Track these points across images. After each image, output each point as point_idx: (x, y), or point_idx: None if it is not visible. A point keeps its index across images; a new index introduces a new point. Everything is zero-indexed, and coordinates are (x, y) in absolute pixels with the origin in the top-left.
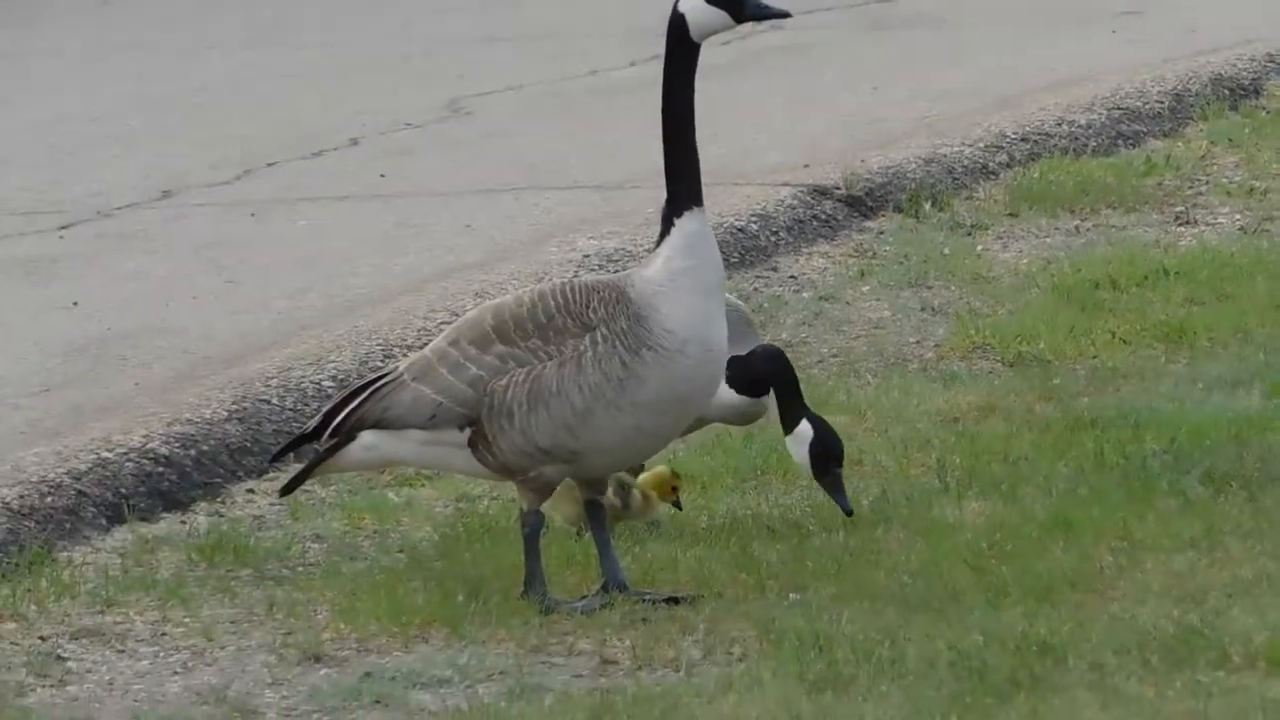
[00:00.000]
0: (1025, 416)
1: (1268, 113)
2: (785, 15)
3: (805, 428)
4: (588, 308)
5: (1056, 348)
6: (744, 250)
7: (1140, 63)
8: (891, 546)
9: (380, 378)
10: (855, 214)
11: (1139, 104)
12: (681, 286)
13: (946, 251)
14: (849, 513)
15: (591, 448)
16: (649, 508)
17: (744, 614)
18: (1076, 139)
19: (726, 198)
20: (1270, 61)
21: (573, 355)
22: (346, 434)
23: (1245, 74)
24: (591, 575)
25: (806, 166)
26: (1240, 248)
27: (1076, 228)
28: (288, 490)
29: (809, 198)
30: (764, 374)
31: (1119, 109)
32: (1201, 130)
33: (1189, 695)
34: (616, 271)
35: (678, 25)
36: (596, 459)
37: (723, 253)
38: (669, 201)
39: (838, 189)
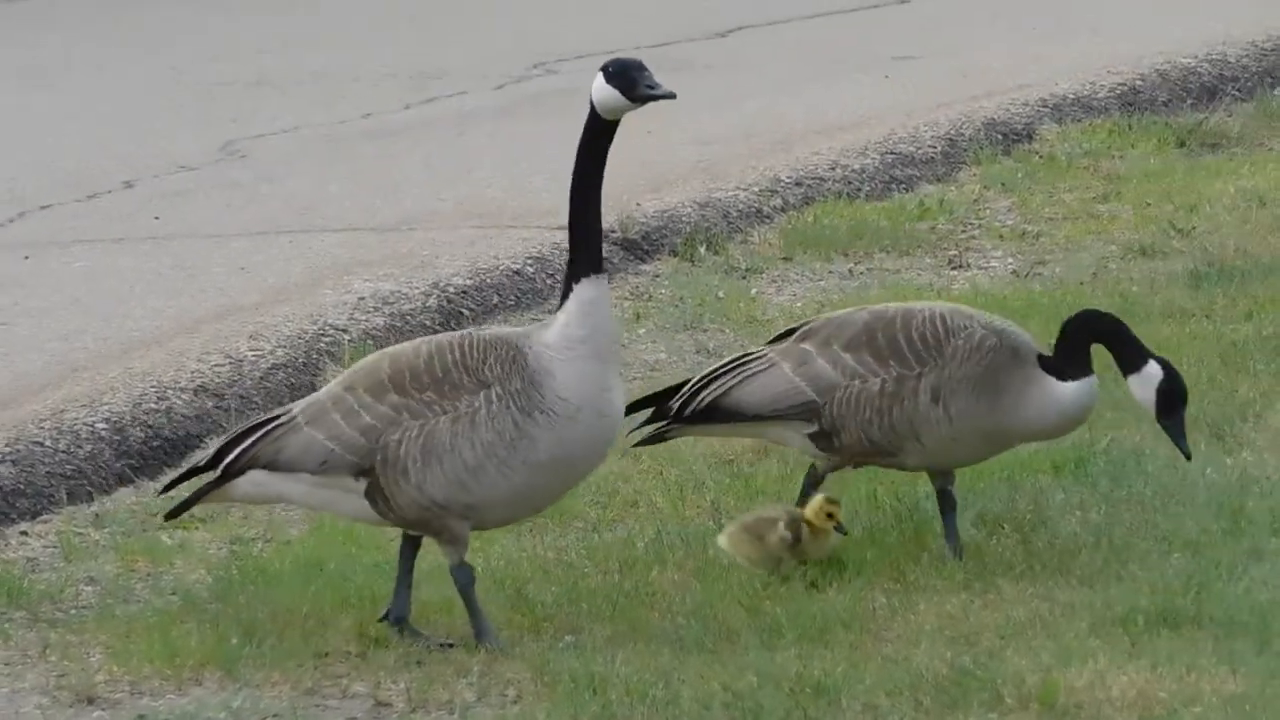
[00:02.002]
0: (799, 458)
1: (1040, 157)
2: (671, 97)
3: (1154, 367)
4: (484, 364)
5: None
6: (520, 293)
7: (913, 107)
8: (666, 588)
9: (275, 418)
10: (631, 257)
11: (912, 148)
12: (577, 354)
13: (721, 295)
14: (1188, 456)
15: (485, 502)
16: (820, 540)
17: (519, 656)
18: (850, 183)
19: (502, 241)
20: (1043, 106)
21: (467, 412)
22: (237, 471)
23: (1018, 118)
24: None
25: None
26: (1013, 291)
27: (850, 271)
28: (171, 516)
29: None
30: (1089, 331)
31: (892, 153)
32: (974, 174)
33: None
34: (518, 325)
35: (591, 103)
36: (492, 513)
37: (498, 296)
38: (569, 266)
39: (613, 232)
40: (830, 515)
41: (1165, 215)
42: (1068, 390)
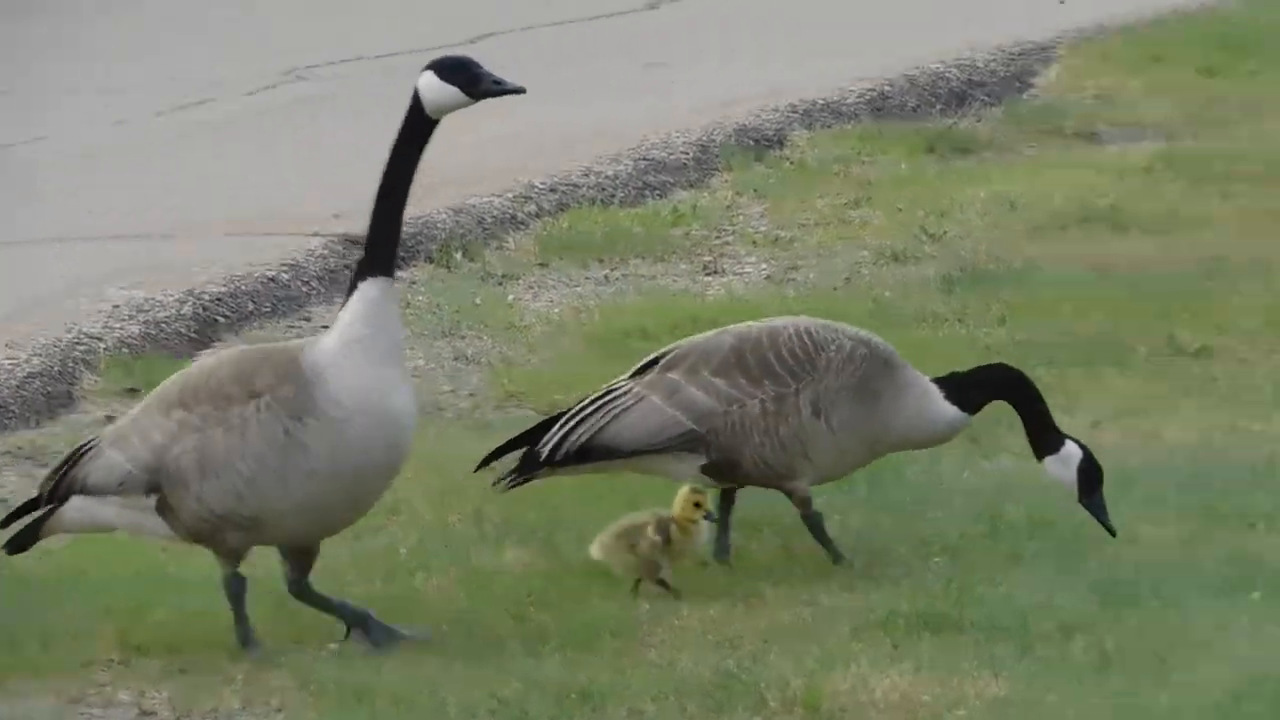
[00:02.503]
0: None
1: (791, 163)
2: (520, 91)
3: (1072, 448)
4: (256, 374)
5: None
6: (276, 300)
7: (666, 114)
8: (430, 595)
9: (88, 442)
10: None
11: (665, 155)
12: (354, 354)
13: (478, 301)
14: (1114, 533)
15: (267, 514)
16: (690, 536)
17: (283, 665)
18: (604, 189)
19: (257, 248)
20: (793, 112)
21: (238, 423)
22: (60, 498)
23: (769, 125)
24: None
25: (337, 216)
26: (767, 296)
27: (606, 277)
28: (15, 549)
29: (340, 247)
30: (1005, 389)
31: (645, 160)
32: (727, 180)
33: None
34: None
35: (414, 100)
36: (279, 527)
37: (253, 304)
38: (359, 266)
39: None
40: (698, 505)
41: (917, 220)
42: (949, 411)
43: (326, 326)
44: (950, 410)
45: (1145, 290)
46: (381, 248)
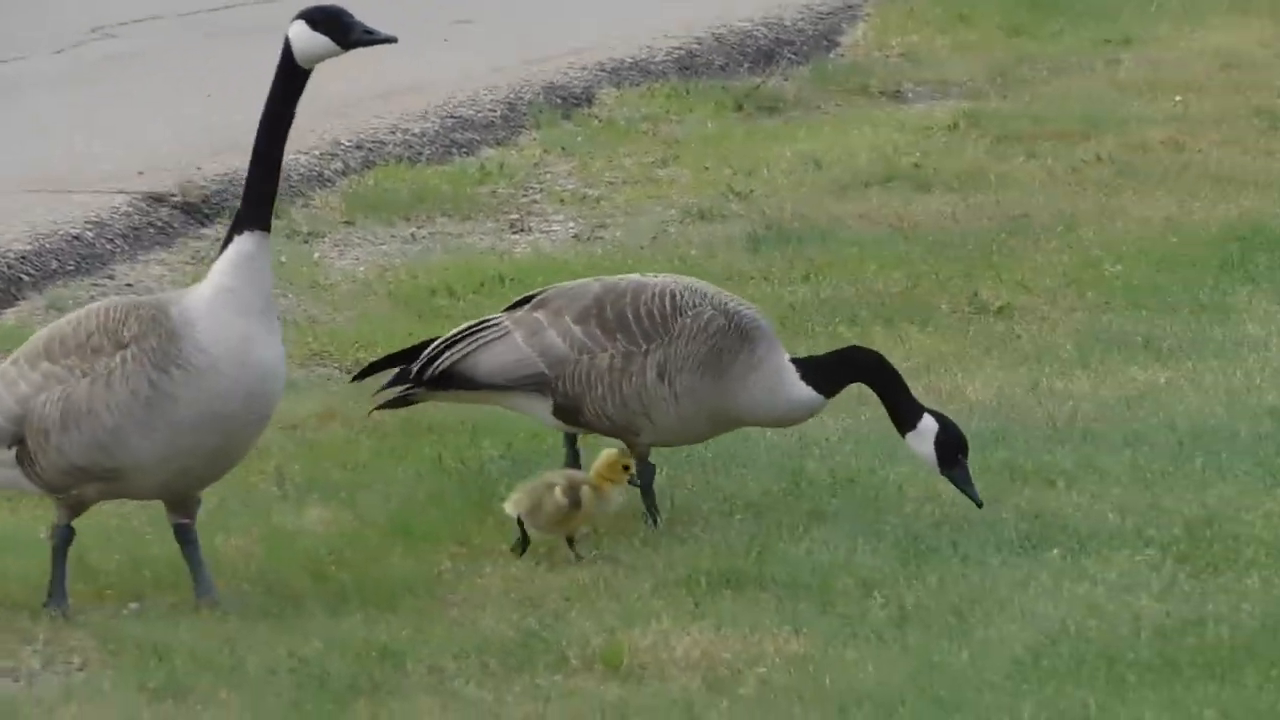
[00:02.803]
0: (364, 423)
1: (599, 121)
2: (392, 40)
3: (928, 421)
4: (123, 326)
5: None
6: (80, 258)
7: (473, 71)
8: (230, 555)
9: None
10: (192, 221)
11: (472, 112)
12: (222, 305)
13: (284, 259)
14: (980, 504)
15: (132, 467)
16: (603, 499)
17: (83, 624)
18: (411, 147)
19: (61, 206)
20: (601, 70)
21: (103, 373)
22: None
23: (577, 82)
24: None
25: (141, 174)
26: (574, 254)
27: (413, 235)
28: None
29: (145, 205)
30: (860, 371)
31: (452, 117)
32: (534, 138)
33: (528, 699)
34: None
35: (285, 49)
36: (142, 479)
37: (57, 261)
38: (236, 220)
39: (174, 196)
40: (626, 468)
41: (723, 179)
42: (801, 392)
43: (130, 285)
44: (804, 391)
45: (948, 248)
46: (257, 201)
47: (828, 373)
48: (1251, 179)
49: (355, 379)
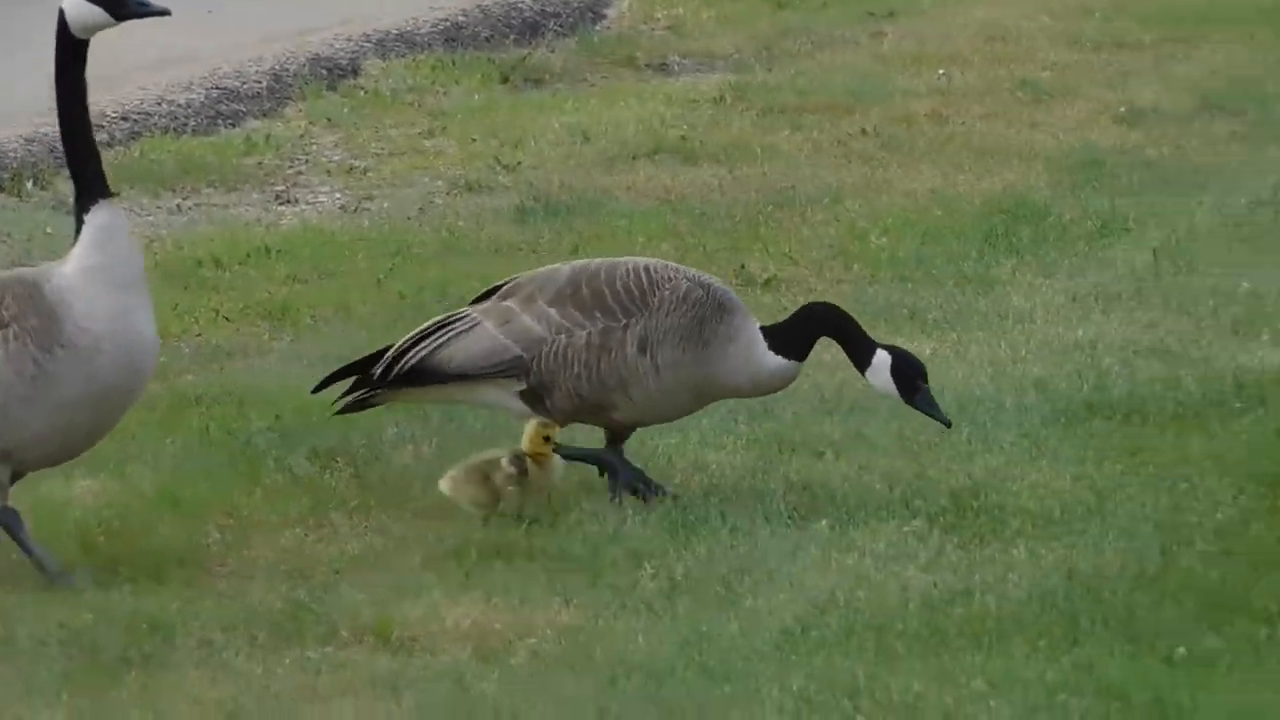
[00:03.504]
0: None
1: (366, 92)
2: (165, 13)
3: (881, 355)
4: (1, 305)
5: (162, 325)
6: None
7: (239, 42)
8: None
9: None
10: None
11: (238, 84)
12: (96, 282)
13: (49, 230)
14: (948, 425)
15: (18, 444)
16: (545, 470)
17: None
18: (177, 118)
19: None
20: (367, 41)
21: None
22: None
23: (343, 54)
24: None
25: None
26: (341, 226)
27: (179, 206)
28: None
29: None
30: (821, 325)
31: (218, 89)
32: (301, 110)
33: (298, 671)
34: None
35: (60, 20)
36: (29, 454)
37: None
38: (78, 198)
39: None
40: (547, 439)
41: (491, 151)
42: (772, 362)
43: None
44: (774, 360)
45: (715, 221)
46: (89, 173)
47: (794, 337)
48: (1015, 151)
49: (315, 391)
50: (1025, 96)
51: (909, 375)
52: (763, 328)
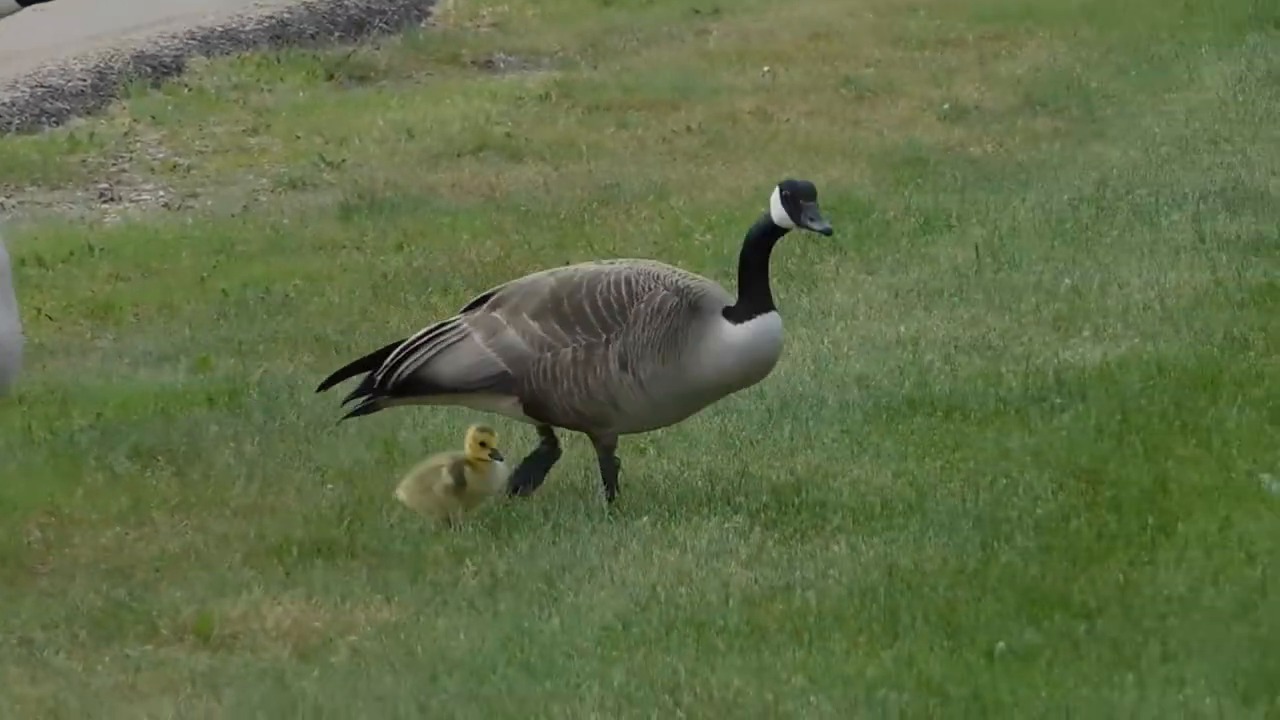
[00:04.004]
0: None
1: (190, 90)
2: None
3: (774, 194)
4: None
5: None
6: None
7: (63, 40)
8: None
9: None
10: None
11: (62, 81)
12: None
13: None
14: (829, 233)
15: None
16: (484, 476)
17: None
18: (0, 116)
19: None
20: (192, 39)
21: None
22: None
23: (167, 52)
24: None
25: None
26: (165, 224)
27: (1, 204)
28: None
29: None
30: (751, 252)
31: (42, 86)
32: (125, 107)
33: (118, 669)
34: None
35: None
36: None
37: None
38: None
39: None
40: (484, 444)
41: (315, 148)
42: (736, 333)
43: None
44: (737, 331)
45: (541, 218)
46: None
47: (744, 293)
48: (839, 149)
49: (321, 388)
50: (849, 94)
51: (794, 199)
52: (725, 310)
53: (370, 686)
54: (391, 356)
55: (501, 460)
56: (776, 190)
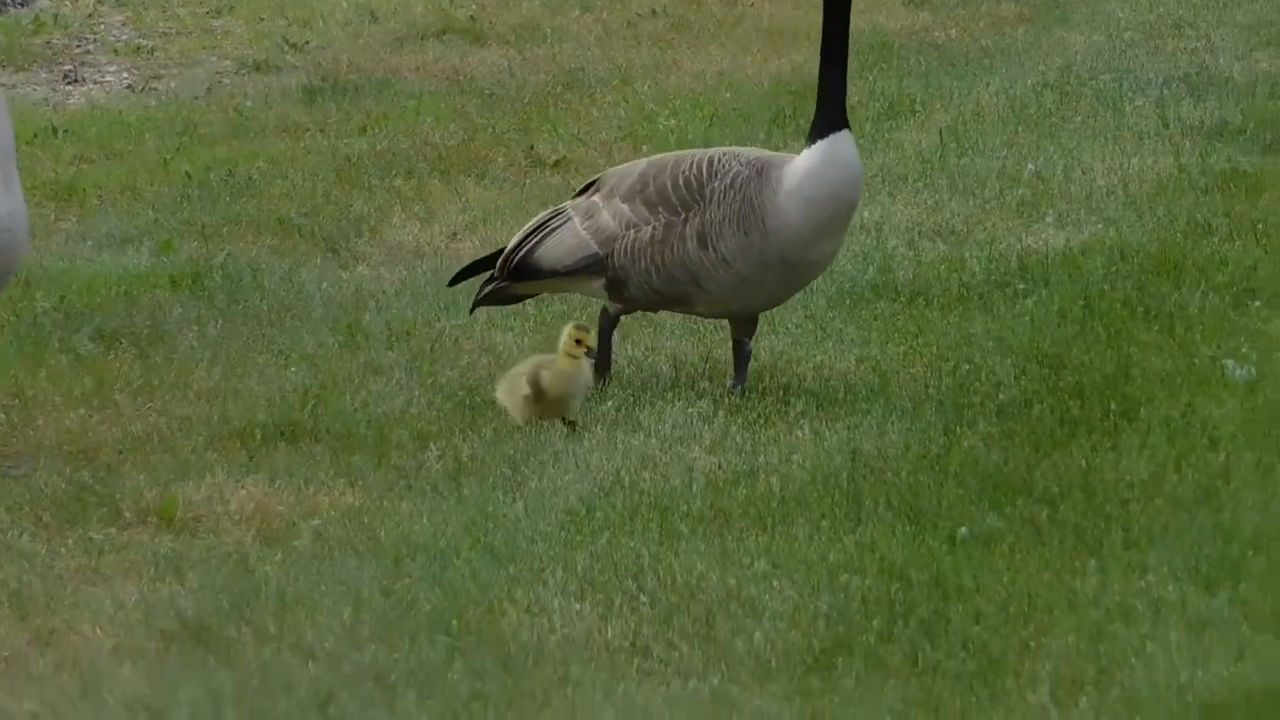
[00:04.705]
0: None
1: None
2: None
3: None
4: None
5: None
6: None
7: None
8: None
9: None
10: None
11: None
12: None
13: None
14: None
15: None
16: (566, 377)
17: None
18: None
19: None
20: None
21: None
22: None
23: None
24: None
25: None
26: (128, 106)
27: None
28: None
29: None
30: (834, 36)
31: None
32: None
33: (81, 552)
34: None
35: None
36: None
37: None
38: None
39: None
40: (579, 342)
41: (278, 30)
42: (800, 165)
43: None
44: (799, 163)
45: (504, 102)
46: None
47: (818, 113)
48: (804, 33)
49: (451, 284)
50: None
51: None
52: (808, 138)
53: (333, 570)
54: (512, 242)
55: (594, 358)
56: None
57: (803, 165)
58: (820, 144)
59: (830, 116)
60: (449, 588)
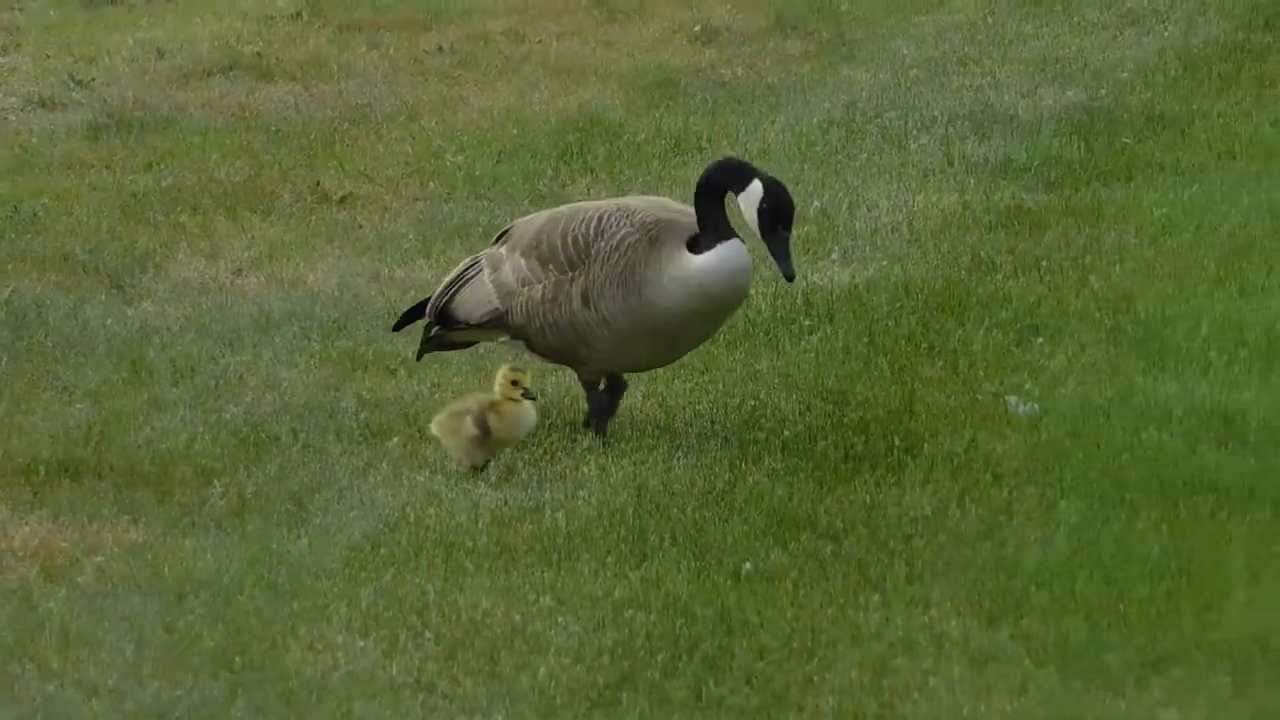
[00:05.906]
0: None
1: None
2: None
3: (756, 186)
4: None
5: None
6: None
7: None
8: None
9: None
10: None
11: None
12: None
13: None
14: (790, 278)
15: None
16: (512, 419)
17: None
18: None
19: None
20: None
21: None
22: None
23: None
24: None
25: None
26: None
27: None
28: None
29: None
30: (710, 185)
31: None
32: None
33: None
34: None
35: None
36: None
37: None
38: None
39: None
40: (515, 383)
41: (65, 67)
42: (695, 263)
43: None
44: (696, 261)
45: (291, 138)
46: None
47: (702, 222)
48: (591, 70)
49: (395, 329)
50: (600, 15)
51: (773, 217)
52: (690, 240)
53: (117, 606)
54: (436, 290)
55: (534, 399)
56: (757, 186)
57: (697, 264)
58: (721, 248)
59: (720, 228)
60: (232, 624)
